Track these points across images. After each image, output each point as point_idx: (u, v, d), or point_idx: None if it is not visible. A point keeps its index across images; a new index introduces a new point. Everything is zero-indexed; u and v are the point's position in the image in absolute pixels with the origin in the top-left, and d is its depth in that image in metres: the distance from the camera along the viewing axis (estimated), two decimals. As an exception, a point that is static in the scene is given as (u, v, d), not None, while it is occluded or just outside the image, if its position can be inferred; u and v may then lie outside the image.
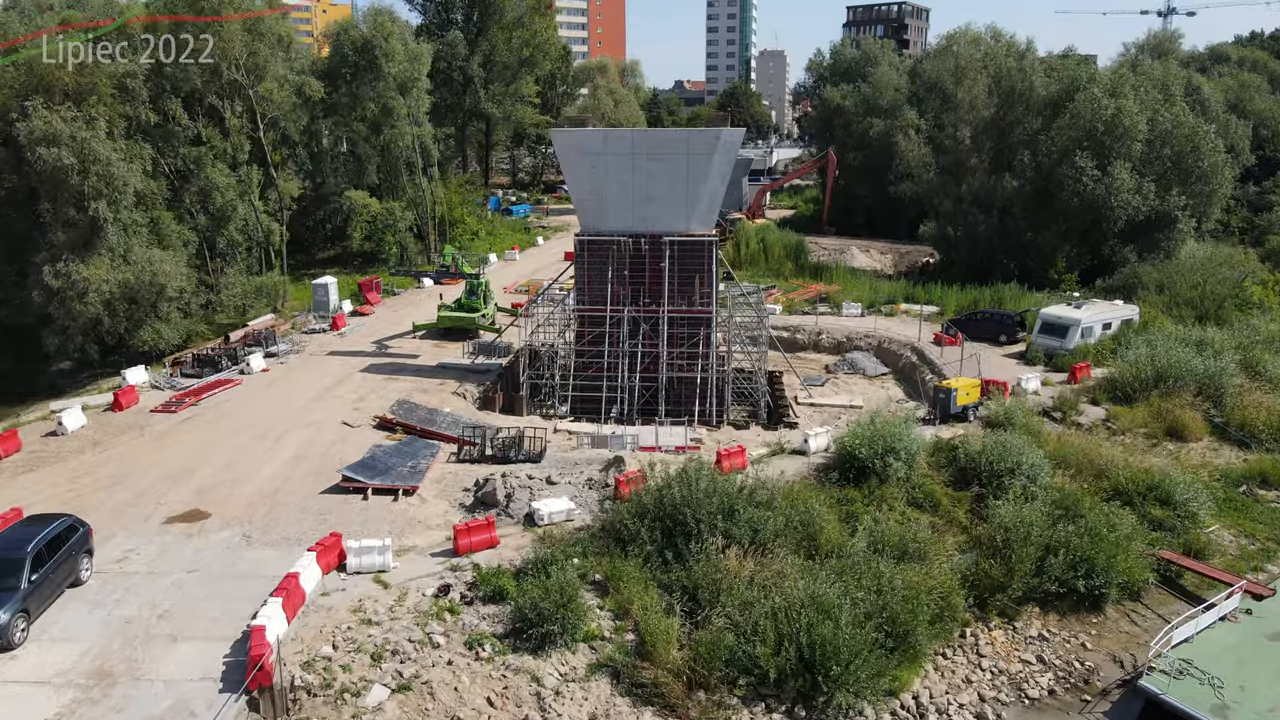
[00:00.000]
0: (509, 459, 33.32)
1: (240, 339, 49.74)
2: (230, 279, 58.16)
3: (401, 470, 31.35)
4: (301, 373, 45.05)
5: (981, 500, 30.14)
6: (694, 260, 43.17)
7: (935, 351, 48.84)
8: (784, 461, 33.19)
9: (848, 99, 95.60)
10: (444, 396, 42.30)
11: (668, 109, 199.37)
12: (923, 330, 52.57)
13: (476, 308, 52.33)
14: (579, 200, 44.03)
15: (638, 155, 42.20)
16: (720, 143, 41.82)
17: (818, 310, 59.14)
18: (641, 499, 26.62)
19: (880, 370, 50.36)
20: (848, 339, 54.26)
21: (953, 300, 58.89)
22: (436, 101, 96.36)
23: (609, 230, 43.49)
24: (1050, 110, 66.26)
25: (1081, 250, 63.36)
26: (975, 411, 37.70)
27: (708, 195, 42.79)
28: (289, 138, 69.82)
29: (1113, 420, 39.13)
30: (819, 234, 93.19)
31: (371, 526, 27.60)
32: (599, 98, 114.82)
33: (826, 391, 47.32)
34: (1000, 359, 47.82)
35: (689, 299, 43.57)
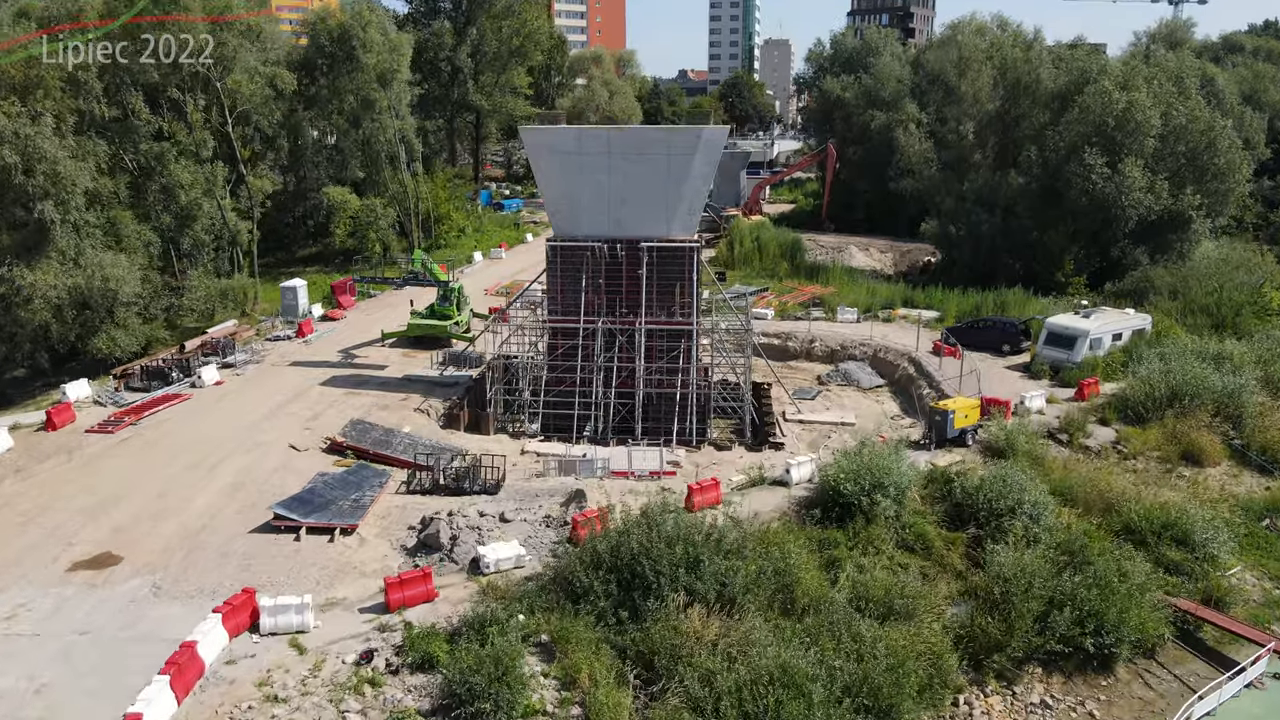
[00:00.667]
0: (463, 490, 30.56)
1: (196, 348, 47.02)
2: (194, 281, 55.42)
3: (342, 505, 28.60)
4: (257, 386, 42.31)
5: (979, 542, 27.29)
6: (674, 268, 40.28)
7: (933, 363, 45.89)
8: (763, 494, 30.36)
9: (848, 90, 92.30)
10: (405, 414, 39.55)
11: (668, 99, 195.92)
12: (921, 338, 49.60)
13: (449, 315, 49.48)
14: (551, 203, 41.15)
15: (614, 155, 39.29)
16: (702, 142, 38.86)
17: (811, 315, 56.18)
18: (596, 546, 23.81)
19: (875, 382, 47.44)
20: (842, 347, 51.32)
21: (954, 305, 55.89)
22: (425, 93, 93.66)
23: (583, 235, 40.62)
24: (1058, 103, 63.07)
25: (1090, 252, 60.25)
26: (974, 435, 34.81)
27: (689, 198, 39.86)
28: (262, 132, 66.94)
29: (1123, 443, 36.21)
30: (818, 231, 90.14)
31: (299, 574, 24.88)
32: (593, 89, 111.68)
33: (817, 406, 44.43)
34: (1002, 371, 44.87)
35: (668, 309, 40.68)
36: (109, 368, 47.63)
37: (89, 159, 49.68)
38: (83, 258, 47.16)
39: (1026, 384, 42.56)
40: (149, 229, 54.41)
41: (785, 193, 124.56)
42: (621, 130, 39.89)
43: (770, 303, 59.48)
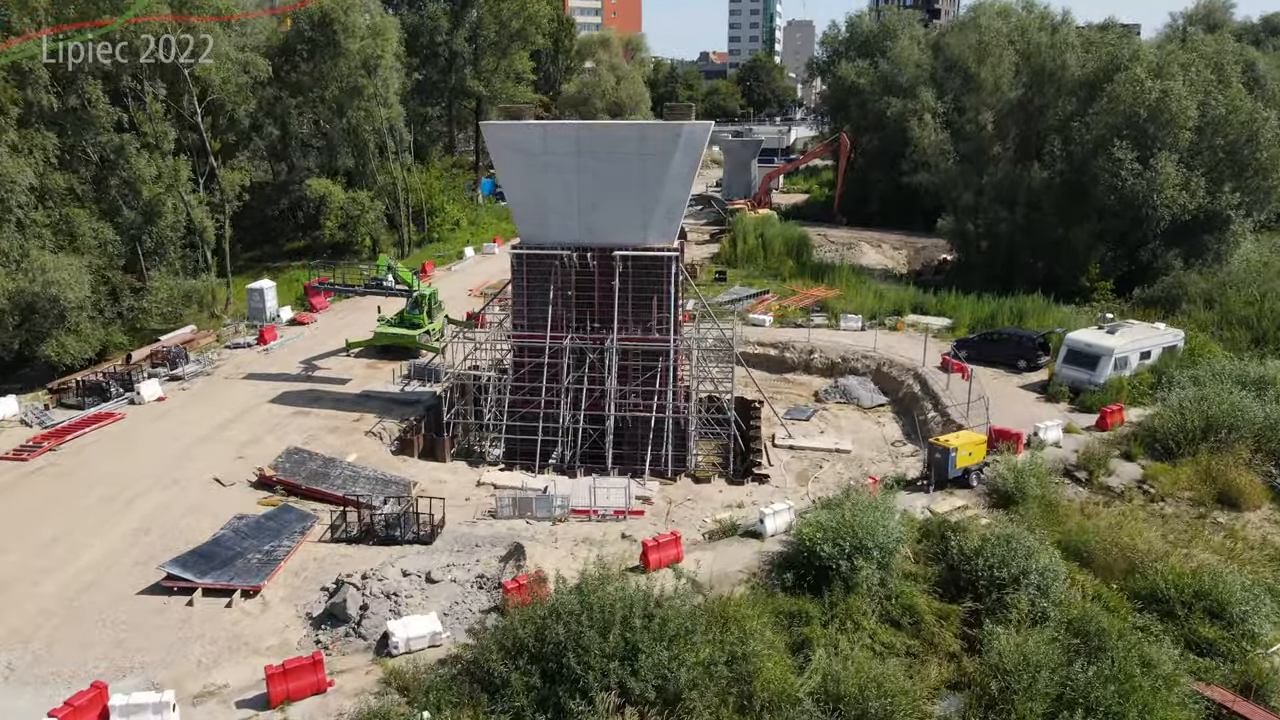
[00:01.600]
0: (394, 539, 27.08)
1: (145, 358, 43.88)
2: (156, 282, 52.26)
3: (251, 559, 25.22)
4: (201, 403, 39.07)
5: (977, 617, 23.46)
6: (651, 279, 36.48)
7: (940, 380, 41.81)
8: (732, 549, 26.62)
9: (863, 76, 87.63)
10: (355, 437, 36.16)
11: (685, 83, 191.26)
12: (929, 350, 45.48)
13: (418, 323, 45.99)
14: (516, 207, 37.44)
15: (584, 155, 35.50)
16: (682, 140, 34.94)
17: (812, 322, 52.17)
18: (518, 630, 20.24)
19: (877, 400, 43.44)
20: (843, 359, 47.31)
21: (967, 312, 51.62)
22: (423, 79, 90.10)
23: (551, 242, 36.92)
24: (1085, 92, 58.37)
25: (1118, 254, 55.68)
26: (979, 475, 30.85)
27: (667, 202, 35.99)
28: (239, 121, 63.56)
29: (1150, 482, 32.08)
30: (830, 224, 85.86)
31: (181, 651, 21.53)
32: (600, 74, 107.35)
33: (811, 429, 40.56)
34: (1016, 391, 40.74)
35: (645, 325, 36.92)
36: (62, 374, 44.78)
37: (36, 153, 46.61)
38: (26, 260, 44.15)
39: (1042, 408, 38.41)
40: (107, 226, 51.25)
41: (800, 182, 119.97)
42: (591, 127, 36.12)
43: (770, 307, 55.53)
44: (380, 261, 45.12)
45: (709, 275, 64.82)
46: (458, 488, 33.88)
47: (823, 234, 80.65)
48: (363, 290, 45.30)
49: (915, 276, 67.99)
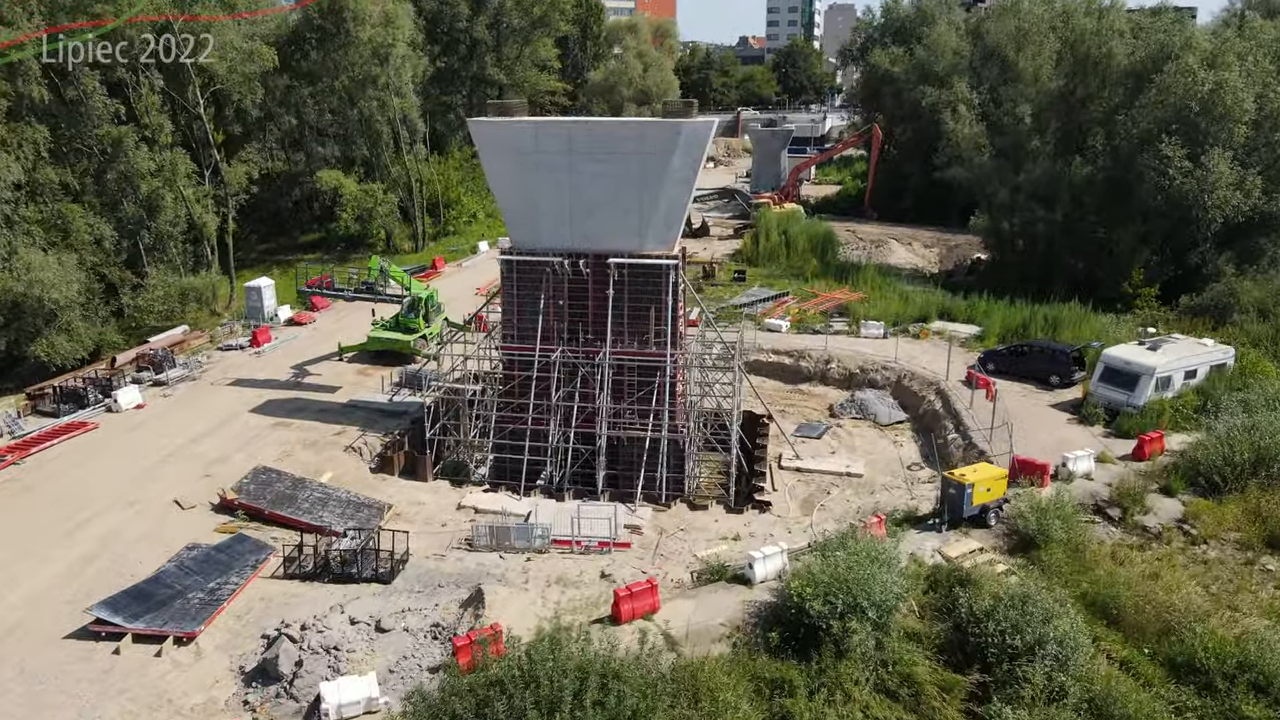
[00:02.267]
0: (351, 576, 25.02)
1: (131, 361, 42.35)
2: (154, 279, 50.88)
3: (192, 599, 23.31)
4: (179, 412, 37.41)
5: (985, 690, 20.79)
6: (648, 289, 33.96)
7: (964, 396, 38.83)
8: (717, 596, 24.16)
9: (898, 64, 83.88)
10: (333, 454, 34.22)
11: (721, 69, 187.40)
12: (955, 361, 42.49)
13: (414, 327, 43.97)
14: (506, 209, 35.09)
15: (577, 154, 33.02)
16: (681, 139, 32.30)
17: (831, 328, 49.26)
18: (455, 706, 18.00)
19: (896, 417, 40.57)
20: (862, 370, 44.43)
21: (997, 320, 48.33)
22: (444, 67, 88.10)
23: (543, 248, 34.54)
24: (1132, 82, 54.49)
25: (1164, 258, 52.00)
26: (998, 513, 28.02)
27: (666, 206, 33.40)
28: (246, 112, 61.99)
29: (1192, 521, 28.98)
30: (860, 219, 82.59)
31: (97, 709, 19.65)
32: (627, 61, 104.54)
33: (822, 448, 37.89)
34: (1046, 412, 37.63)
35: (642, 337, 34.43)
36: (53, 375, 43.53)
37: (26, 147, 45.27)
38: (14, 258, 42.87)
39: (1073, 432, 35.31)
40: (103, 222, 49.95)
41: (833, 172, 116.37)
42: (585, 125, 33.62)
43: (789, 310, 52.70)
44: (371, 264, 43.07)
45: (727, 274, 62.10)
46: (436, 510, 31.85)
47: (852, 230, 77.40)
48: (351, 295, 43.22)
49: (946, 277, 64.60)
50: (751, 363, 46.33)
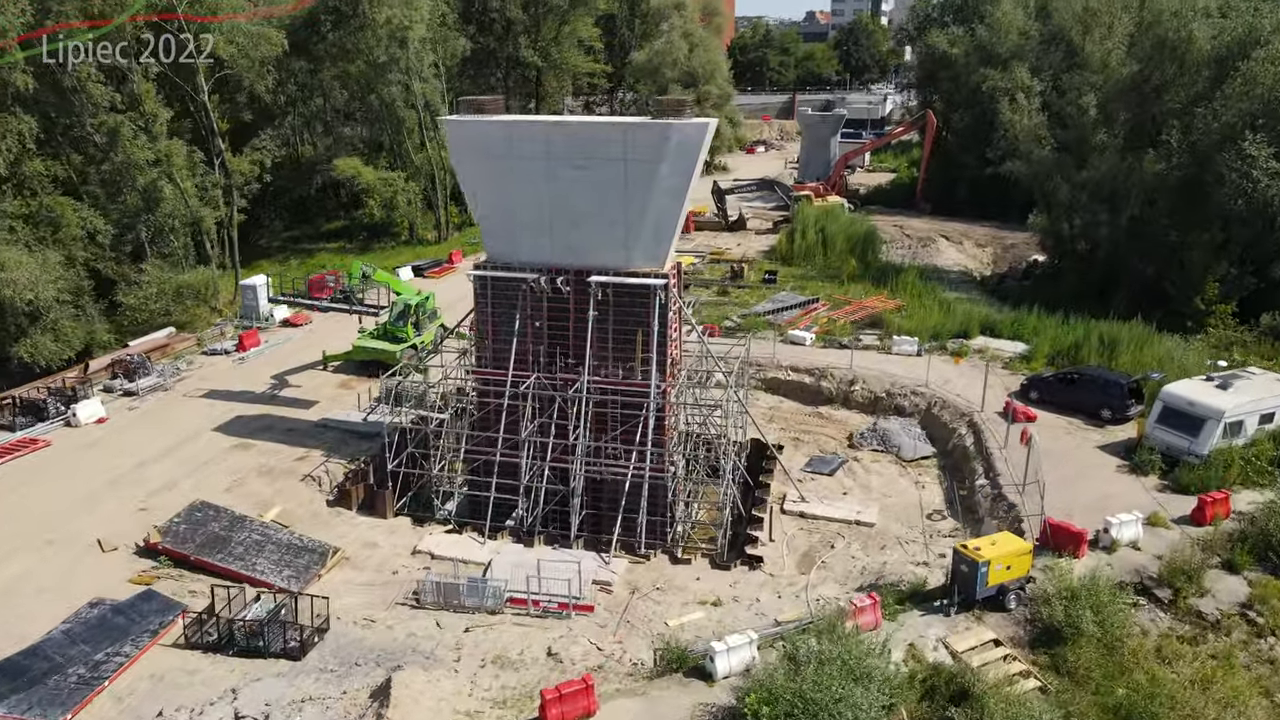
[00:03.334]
0: (257, 650, 22.06)
1: (106, 367, 40.25)
2: (148, 275, 48.86)
3: (70, 675, 20.60)
4: (139, 429, 35.06)
5: None
6: (635, 310, 30.26)
7: (999, 432, 34.32)
8: (669, 695, 20.57)
9: (956, 45, 77.81)
10: (288, 483, 31.49)
11: (781, 48, 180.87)
12: (995, 386, 37.94)
13: (402, 336, 41.00)
14: (481, 219, 31.68)
15: (555, 159, 29.39)
16: (671, 143, 28.39)
17: (860, 342, 44.87)
18: None
19: (922, 451, 36.27)
20: (888, 394, 40.10)
21: (1047, 338, 43.35)
22: (478, 47, 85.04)
23: (520, 262, 31.08)
24: (1214, 70, 48.45)
25: (1243, 271, 46.21)
26: (1020, 595, 23.82)
27: (655, 218, 29.58)
28: (258, 98, 59.59)
29: (1259, 607, 24.42)
30: (911, 212, 77.31)
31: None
32: (672, 41, 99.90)
33: (834, 486, 33.91)
34: (1093, 455, 32.96)
35: (627, 366, 30.77)
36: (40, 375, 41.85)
37: (9, 138, 43.35)
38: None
39: (1122, 484, 30.66)
40: (97, 215, 48.04)
41: (889, 159, 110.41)
42: (564, 126, 29.90)
43: (817, 319, 48.42)
44: (353, 269, 40.02)
45: (757, 275, 57.88)
46: (390, 554, 28.87)
47: (900, 225, 72.28)
48: (325, 306, 40.10)
49: (998, 281, 59.33)
50: (769, 380, 42.47)
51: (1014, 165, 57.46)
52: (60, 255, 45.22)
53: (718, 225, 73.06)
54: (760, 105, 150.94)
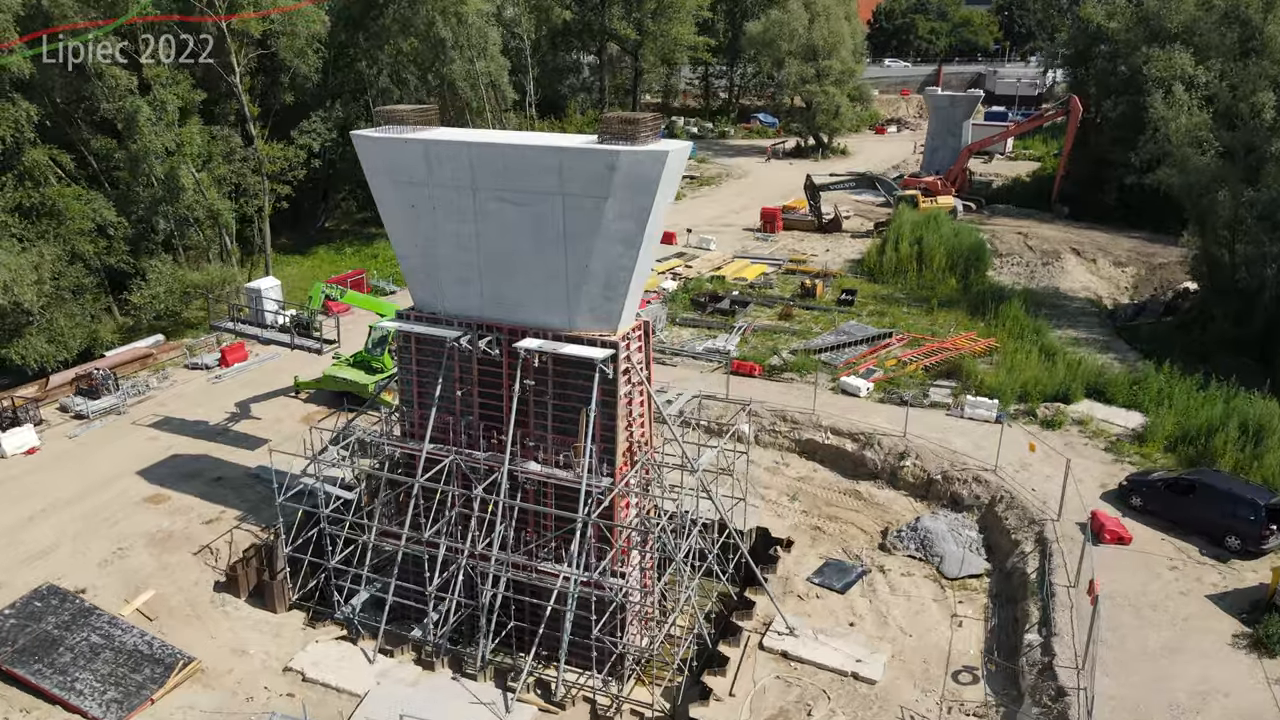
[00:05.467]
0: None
1: (70, 382, 37.24)
2: (156, 272, 46.01)
3: None
4: (61, 467, 31.56)
5: None
6: (577, 384, 23.75)
7: (1073, 555, 25.84)
8: None
9: (1115, 19, 65.46)
10: (178, 558, 27.01)
11: (937, 13, 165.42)
12: (1084, 479, 29.36)
13: (379, 366, 36.02)
14: (402, 259, 25.76)
15: (483, 190, 23.15)
16: (617, 175, 21.54)
17: (925, 398, 36.58)
18: None
19: (972, 567, 28.18)
20: (945, 476, 31.92)
21: (1175, 411, 33.69)
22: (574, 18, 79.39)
23: (447, 313, 25.14)
24: None
25: None
26: None
27: (604, 271, 22.87)
28: (304, 79, 55.91)
29: None
30: (1044, 216, 66.45)
31: None
32: (790, 10, 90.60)
33: (841, 610, 26.52)
34: (1201, 609, 24.13)
35: (567, 449, 24.37)
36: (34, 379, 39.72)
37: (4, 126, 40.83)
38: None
39: (1236, 666, 21.91)
40: (108, 207, 45.43)
41: (1036, 145, 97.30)
42: (490, 148, 23.33)
43: (882, 362, 40.21)
44: (314, 291, 34.94)
45: (834, 293, 49.69)
46: (258, 668, 23.88)
47: (1024, 233, 61.72)
48: (265, 338, 34.82)
49: (1131, 315, 48.73)
50: (804, 443, 35.13)
51: (1164, 173, 46.64)
52: (59, 250, 42.70)
53: (809, 225, 64.66)
54: (900, 78, 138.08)
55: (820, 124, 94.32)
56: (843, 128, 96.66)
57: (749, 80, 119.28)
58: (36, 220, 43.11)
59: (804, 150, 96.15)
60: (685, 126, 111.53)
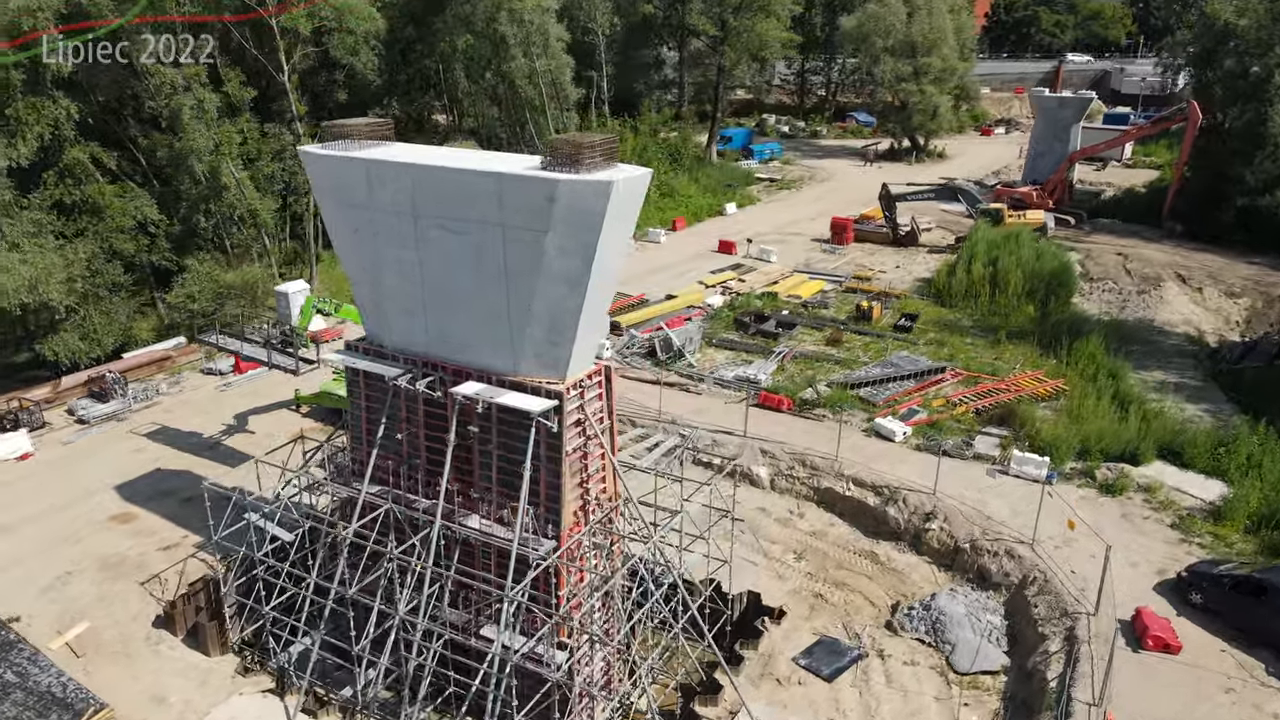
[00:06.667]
0: None
1: (82, 384, 37.09)
2: (191, 271, 45.90)
3: None
4: (45, 476, 31.13)
5: None
6: (522, 434, 21.19)
7: (1103, 656, 21.75)
8: None
9: (1246, 15, 58.29)
10: (125, 587, 25.89)
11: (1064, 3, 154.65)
12: (1137, 563, 25.20)
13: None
14: (353, 286, 23.73)
15: (424, 217, 20.86)
16: (557, 209, 18.85)
17: (970, 450, 32.47)
18: None
19: (986, 662, 24.30)
20: (973, 546, 27.99)
21: (1267, 480, 28.74)
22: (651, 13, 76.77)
23: (393, 346, 23.01)
24: None
25: None
26: None
27: (547, 313, 20.22)
28: (359, 76, 55.15)
29: None
30: (1155, 233, 60.15)
31: None
32: (886, 3, 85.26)
33: (825, 703, 23.18)
34: (1258, 749, 19.85)
35: (506, 506, 21.88)
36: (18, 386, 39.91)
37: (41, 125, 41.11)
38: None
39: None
40: (149, 204, 45.57)
41: (1158, 151, 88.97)
42: (429, 171, 20.80)
43: (926, 402, 36.16)
44: (305, 306, 33.40)
45: (891, 318, 45.56)
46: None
47: (1124, 253, 55.80)
48: (245, 354, 33.45)
49: (1236, 358, 42.70)
50: (823, 491, 31.72)
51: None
52: (96, 247, 42.94)
53: (883, 237, 60.17)
54: (1017, 75, 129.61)
55: (916, 125, 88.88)
56: (941, 129, 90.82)
57: (847, 77, 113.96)
58: (76, 217, 43.42)
59: (896, 153, 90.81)
60: (776, 125, 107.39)
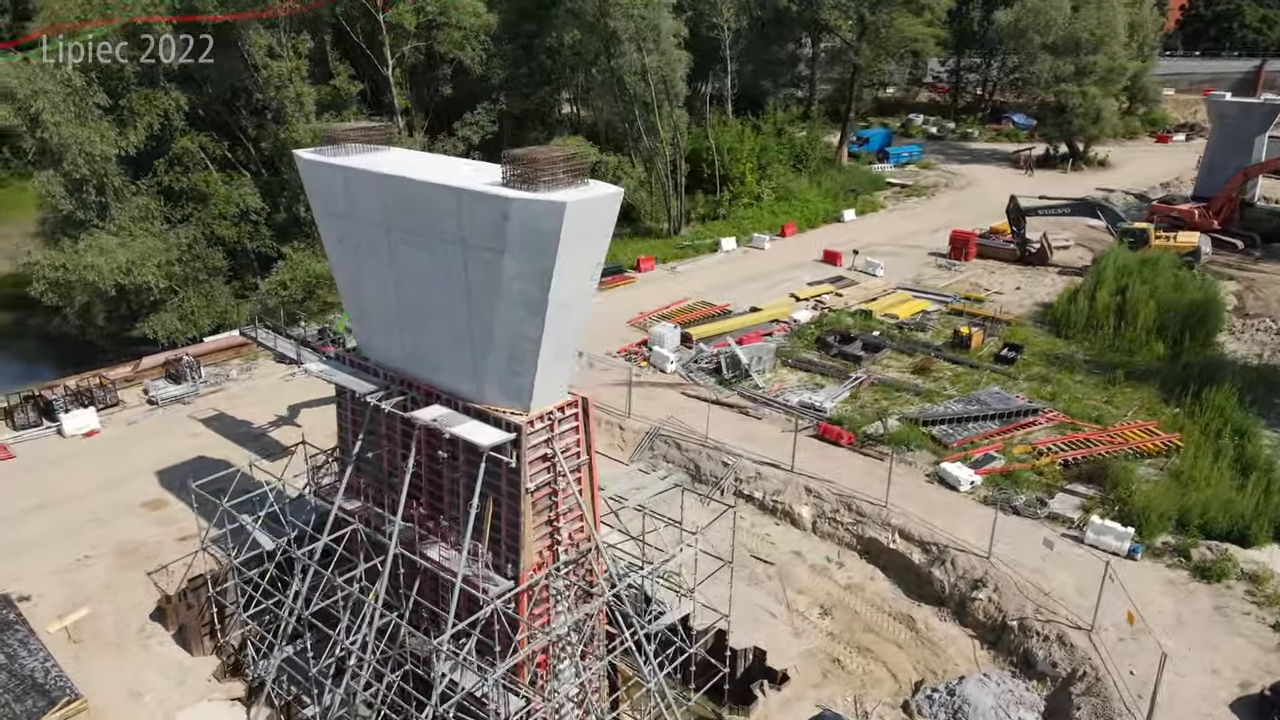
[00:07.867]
0: None
1: (160, 365, 38.66)
2: (292, 259, 47.38)
3: None
4: (101, 454, 32.40)
5: None
6: (485, 470, 19.80)
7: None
8: None
9: None
10: (134, 576, 26.39)
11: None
12: (1220, 668, 21.24)
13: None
14: (342, 297, 23.03)
15: (395, 231, 19.86)
16: (511, 228, 17.31)
17: (1040, 510, 28.60)
18: None
19: (1010, 765, 21.07)
20: (1022, 625, 24.47)
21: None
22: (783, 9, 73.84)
23: (373, 364, 22.16)
24: None
25: None
26: None
27: (507, 339, 18.75)
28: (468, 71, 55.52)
29: None
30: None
31: None
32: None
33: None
34: None
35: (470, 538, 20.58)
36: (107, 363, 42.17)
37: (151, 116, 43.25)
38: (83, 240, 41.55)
39: None
40: (252, 193, 47.39)
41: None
42: (400, 183, 19.34)
43: (1007, 448, 32.26)
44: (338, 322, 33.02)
45: (993, 347, 41.29)
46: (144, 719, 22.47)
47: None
48: (279, 352, 33.60)
49: None
50: (866, 540, 28.80)
51: None
52: (198, 233, 44.97)
53: (1009, 254, 55.02)
54: (1210, 75, 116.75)
55: (1076, 129, 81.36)
56: (1104, 134, 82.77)
57: (1007, 75, 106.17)
58: (183, 204, 45.56)
59: (1051, 159, 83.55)
60: (923, 125, 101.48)
